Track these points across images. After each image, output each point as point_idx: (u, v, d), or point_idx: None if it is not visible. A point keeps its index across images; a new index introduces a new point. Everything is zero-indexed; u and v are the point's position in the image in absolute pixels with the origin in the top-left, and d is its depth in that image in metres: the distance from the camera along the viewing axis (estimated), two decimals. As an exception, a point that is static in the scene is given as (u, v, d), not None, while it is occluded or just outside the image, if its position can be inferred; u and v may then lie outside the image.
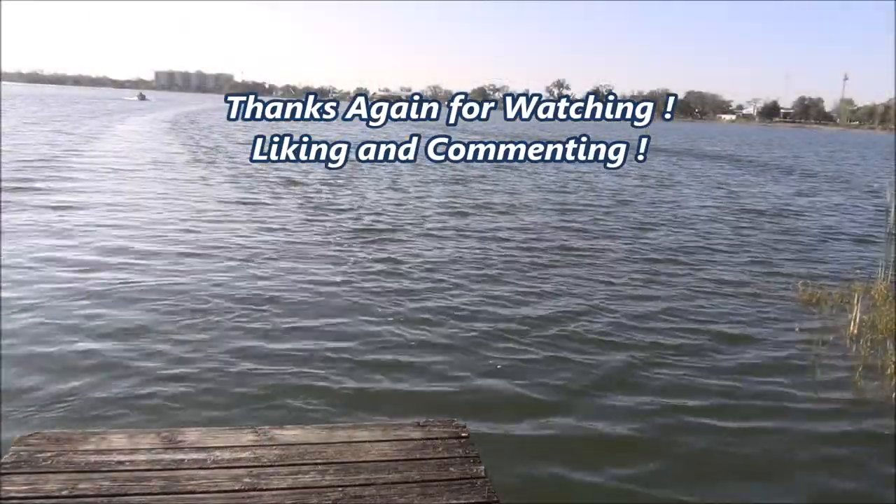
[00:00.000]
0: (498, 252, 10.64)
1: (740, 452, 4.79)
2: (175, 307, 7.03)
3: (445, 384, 5.62)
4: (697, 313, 7.93)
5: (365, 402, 5.21)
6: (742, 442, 4.94)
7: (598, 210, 15.90)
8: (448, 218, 13.74)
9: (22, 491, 2.50)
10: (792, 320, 7.84)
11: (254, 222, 12.07)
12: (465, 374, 5.81)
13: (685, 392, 5.71)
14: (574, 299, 8.22)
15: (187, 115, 61.38)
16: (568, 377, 5.88)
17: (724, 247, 12.16)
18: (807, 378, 6.17)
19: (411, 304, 7.62)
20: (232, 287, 7.86)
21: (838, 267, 11.00)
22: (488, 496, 2.61)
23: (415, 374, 5.77)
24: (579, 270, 9.71)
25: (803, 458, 4.79)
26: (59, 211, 11.94)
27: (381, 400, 5.25)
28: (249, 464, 2.76)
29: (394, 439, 3.02)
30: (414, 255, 10.09)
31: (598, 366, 6.17)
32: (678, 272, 9.92)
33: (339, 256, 9.77)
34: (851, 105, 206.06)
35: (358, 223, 12.51)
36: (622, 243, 11.92)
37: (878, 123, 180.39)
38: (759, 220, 15.68)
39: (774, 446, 4.90)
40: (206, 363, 5.70)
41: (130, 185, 15.86)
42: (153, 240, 10.14)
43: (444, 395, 5.43)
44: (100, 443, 2.88)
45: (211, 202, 14.04)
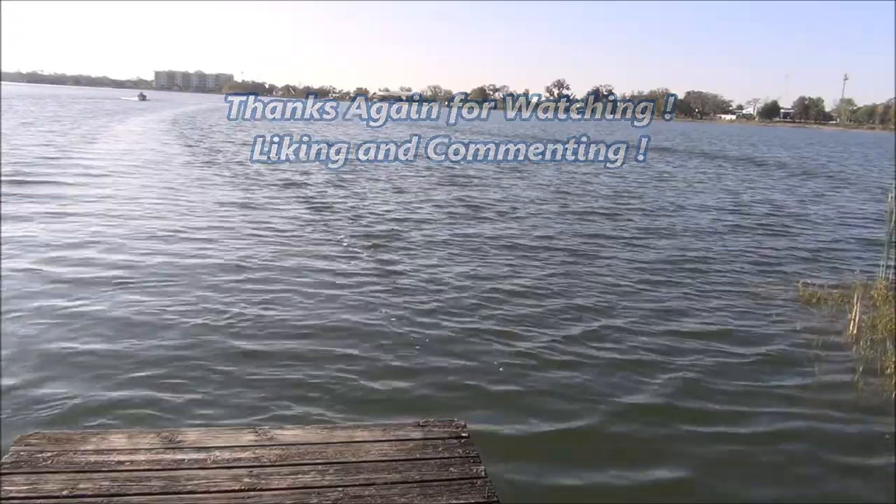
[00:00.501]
0: (498, 252, 10.64)
1: (741, 452, 4.79)
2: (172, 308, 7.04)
3: (446, 384, 5.62)
4: (697, 313, 7.93)
5: (365, 402, 5.21)
6: (742, 442, 4.94)
7: (598, 210, 15.90)
8: (448, 218, 13.74)
9: (22, 491, 2.50)
10: (792, 320, 7.83)
11: (252, 222, 12.06)
12: (465, 375, 5.81)
13: (685, 392, 5.71)
14: (574, 300, 8.21)
15: (187, 114, 61.35)
16: (568, 378, 5.88)
17: (724, 246, 12.15)
18: (807, 378, 6.16)
19: (411, 304, 7.62)
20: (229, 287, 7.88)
21: (839, 267, 10.99)
22: (488, 496, 2.61)
23: (415, 374, 5.76)
24: (580, 270, 9.70)
25: (803, 457, 4.79)
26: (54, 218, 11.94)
27: (381, 400, 5.25)
28: (249, 464, 2.76)
29: (394, 439, 3.02)
30: (415, 255, 10.10)
31: (599, 366, 6.17)
32: (678, 272, 9.90)
33: (338, 257, 9.77)
34: (851, 105, 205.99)
35: (358, 223, 12.50)
36: (623, 242, 11.90)
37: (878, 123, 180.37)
38: (760, 220, 15.66)
39: (774, 446, 4.90)
40: (207, 363, 5.71)
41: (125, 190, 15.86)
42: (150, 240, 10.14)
43: (444, 395, 5.43)
44: (100, 443, 2.88)
45: (209, 203, 14.03)
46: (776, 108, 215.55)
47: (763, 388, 5.89)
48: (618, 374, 6.02)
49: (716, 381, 5.96)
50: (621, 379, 5.92)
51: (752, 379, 6.08)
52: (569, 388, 5.68)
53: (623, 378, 5.93)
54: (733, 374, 6.15)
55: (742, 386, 5.92)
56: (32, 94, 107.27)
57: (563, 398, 5.47)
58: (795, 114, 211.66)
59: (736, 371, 6.24)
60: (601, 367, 6.14)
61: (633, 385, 5.80)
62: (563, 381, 5.78)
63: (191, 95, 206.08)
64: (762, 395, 5.77)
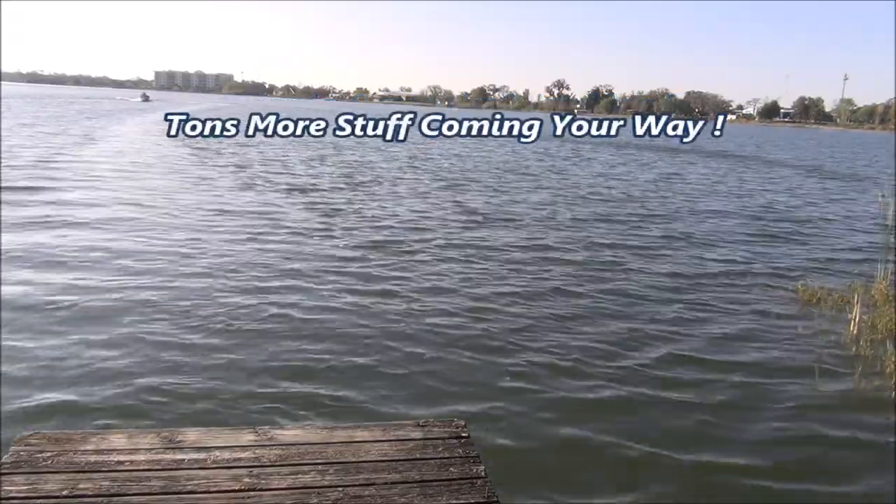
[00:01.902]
0: (499, 251, 10.64)
1: (740, 453, 4.79)
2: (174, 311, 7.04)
3: (446, 384, 5.62)
4: (697, 313, 7.93)
5: (365, 401, 5.21)
6: (742, 442, 4.94)
7: (597, 209, 15.90)
8: (450, 218, 13.73)
9: (22, 491, 2.50)
10: (792, 320, 7.83)
11: (251, 222, 12.06)
12: (466, 374, 5.81)
13: (685, 392, 5.71)
14: (574, 300, 8.22)
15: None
16: (569, 378, 5.88)
17: (724, 246, 12.15)
18: (807, 378, 6.16)
19: (411, 304, 7.62)
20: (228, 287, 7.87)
21: (840, 267, 10.99)
22: (488, 496, 2.61)
23: (415, 374, 5.76)
24: (580, 270, 9.70)
25: (803, 457, 4.79)
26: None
27: (381, 400, 5.25)
28: (249, 464, 2.76)
29: (394, 439, 3.02)
30: (414, 257, 10.09)
31: (599, 366, 6.17)
32: (678, 271, 9.91)
33: (339, 256, 9.77)
34: (851, 105, 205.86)
35: (357, 223, 12.50)
36: (625, 242, 11.90)
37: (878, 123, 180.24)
38: (761, 219, 15.65)
39: (774, 446, 4.90)
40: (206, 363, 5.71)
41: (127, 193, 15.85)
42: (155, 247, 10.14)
43: (444, 395, 5.42)
44: (100, 443, 2.88)
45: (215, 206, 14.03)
46: (776, 108, 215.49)
47: (763, 388, 5.89)
48: (618, 374, 6.02)
49: (715, 381, 5.96)
50: (622, 379, 5.91)
51: (752, 378, 6.08)
52: (570, 388, 5.67)
53: (623, 378, 5.93)
54: (733, 374, 6.14)
55: (742, 386, 5.91)
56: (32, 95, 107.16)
57: (564, 398, 5.47)
58: (795, 114, 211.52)
59: (736, 370, 6.23)
60: (601, 366, 6.14)
61: (634, 384, 5.80)
62: (564, 382, 5.78)
63: (191, 95, 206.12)
64: (762, 394, 5.77)
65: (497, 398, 5.38)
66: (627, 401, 5.49)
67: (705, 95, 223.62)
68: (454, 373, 5.84)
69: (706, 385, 5.89)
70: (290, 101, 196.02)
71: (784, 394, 5.80)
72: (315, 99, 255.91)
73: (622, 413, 5.28)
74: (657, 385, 5.81)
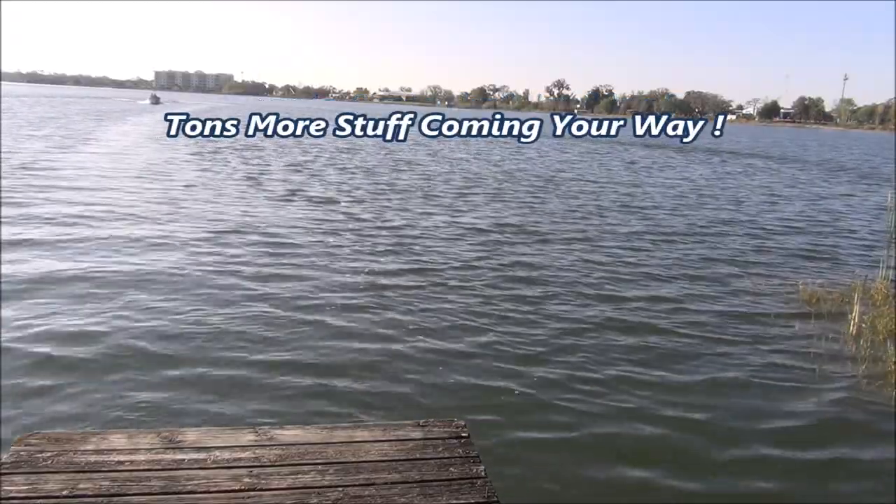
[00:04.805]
0: (499, 252, 10.65)
1: (741, 452, 4.79)
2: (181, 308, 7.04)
3: (446, 384, 5.62)
4: (697, 313, 7.93)
5: (365, 401, 5.21)
6: (742, 441, 4.94)
7: (598, 208, 15.90)
8: (451, 219, 13.74)
9: (22, 491, 2.50)
10: (792, 320, 7.83)
11: (250, 222, 12.07)
12: (466, 374, 5.81)
13: (685, 392, 5.71)
14: (575, 301, 8.22)
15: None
16: (570, 378, 5.88)
17: (725, 246, 12.15)
18: (807, 378, 6.16)
19: (412, 304, 7.63)
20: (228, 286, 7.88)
21: (840, 267, 10.99)
22: (488, 496, 2.61)
23: (415, 375, 5.76)
24: (580, 272, 9.71)
25: (802, 457, 4.79)
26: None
27: (381, 400, 5.25)
28: (249, 464, 2.76)
29: (394, 439, 3.02)
30: (415, 257, 10.10)
31: (599, 366, 6.17)
32: (678, 272, 9.91)
33: (340, 256, 9.77)
34: (851, 105, 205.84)
35: (358, 224, 12.51)
36: (626, 241, 11.91)
37: (878, 123, 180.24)
38: (761, 219, 15.66)
39: (774, 446, 4.90)
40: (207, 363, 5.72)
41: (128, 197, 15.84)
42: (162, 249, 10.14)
43: (444, 395, 5.43)
44: (100, 443, 2.88)
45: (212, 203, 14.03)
46: (776, 108, 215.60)
47: (763, 388, 5.89)
48: (618, 373, 6.02)
49: (715, 381, 5.96)
50: (622, 379, 5.91)
51: (752, 378, 6.08)
52: (570, 388, 5.67)
53: (623, 378, 5.93)
54: (733, 374, 6.15)
55: (741, 386, 5.92)
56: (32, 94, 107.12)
57: (564, 398, 5.47)
58: (795, 114, 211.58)
59: (736, 370, 6.24)
60: (601, 367, 6.14)
61: (634, 384, 5.80)
62: (564, 382, 5.78)
63: (191, 95, 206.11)
64: (762, 394, 5.77)
65: (497, 398, 5.38)
66: (627, 401, 5.49)
67: (705, 95, 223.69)
68: (456, 373, 5.84)
69: (706, 385, 5.89)
70: (290, 101, 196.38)
71: (784, 394, 5.80)
72: (315, 99, 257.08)
73: (622, 412, 5.28)
74: (656, 385, 5.81)
